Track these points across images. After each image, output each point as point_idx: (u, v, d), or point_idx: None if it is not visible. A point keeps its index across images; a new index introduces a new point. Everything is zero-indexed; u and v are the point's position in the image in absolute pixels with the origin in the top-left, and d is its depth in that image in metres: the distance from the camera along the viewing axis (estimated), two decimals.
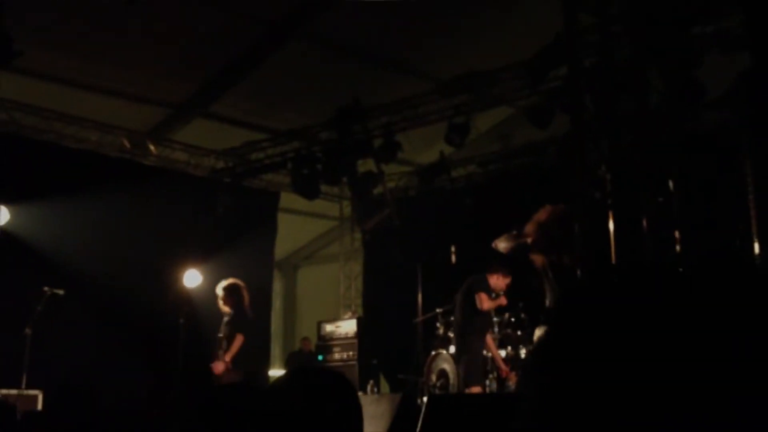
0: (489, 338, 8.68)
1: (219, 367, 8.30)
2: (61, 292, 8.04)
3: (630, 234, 5.22)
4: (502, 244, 5.73)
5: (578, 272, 5.12)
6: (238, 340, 8.38)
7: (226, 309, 8.45)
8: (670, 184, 5.62)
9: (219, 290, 8.49)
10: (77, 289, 8.56)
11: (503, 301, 8.53)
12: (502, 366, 8.64)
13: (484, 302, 8.47)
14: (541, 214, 5.35)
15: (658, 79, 6.27)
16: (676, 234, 5.31)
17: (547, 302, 5.33)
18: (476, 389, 8.23)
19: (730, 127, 6.99)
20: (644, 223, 5.20)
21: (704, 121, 7.21)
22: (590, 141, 6.06)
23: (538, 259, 5.24)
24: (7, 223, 8.65)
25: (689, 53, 6.79)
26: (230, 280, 8.61)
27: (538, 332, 7.00)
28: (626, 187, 5.38)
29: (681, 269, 0.76)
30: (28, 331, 7.80)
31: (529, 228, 5.34)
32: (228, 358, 8.30)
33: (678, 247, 5.26)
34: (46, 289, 8.00)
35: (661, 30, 6.49)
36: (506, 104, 9.99)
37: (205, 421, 1.91)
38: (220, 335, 8.37)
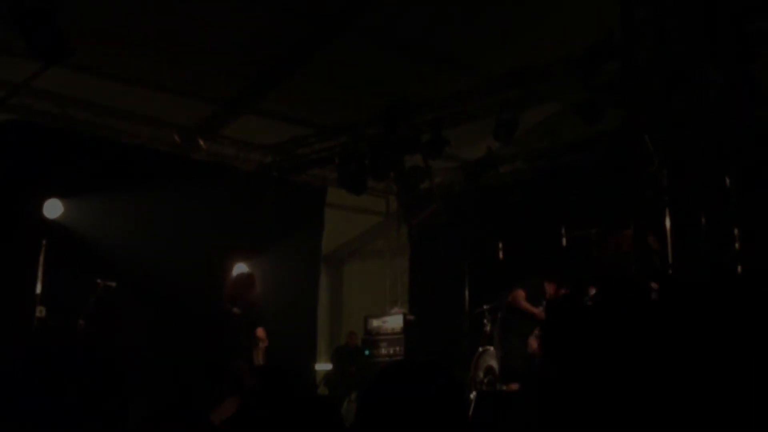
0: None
1: None
2: (113, 284, 8.17)
3: (687, 232, 5.14)
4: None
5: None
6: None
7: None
8: (727, 180, 5.53)
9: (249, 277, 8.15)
10: (129, 282, 8.70)
11: (541, 315, 8.04)
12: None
13: (519, 298, 8.33)
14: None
15: (714, 74, 6.16)
16: (735, 231, 5.22)
17: None
18: (514, 386, 8.14)
19: None
20: (702, 220, 5.12)
21: (761, 117, 7.06)
22: (642, 137, 5.97)
23: None
24: (62, 217, 8.81)
25: (744, 48, 6.64)
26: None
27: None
28: (683, 184, 5.30)
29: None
30: (81, 322, 7.94)
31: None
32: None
33: (737, 245, 5.18)
34: (98, 281, 8.13)
35: (716, 24, 6.37)
36: (555, 99, 9.88)
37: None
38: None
